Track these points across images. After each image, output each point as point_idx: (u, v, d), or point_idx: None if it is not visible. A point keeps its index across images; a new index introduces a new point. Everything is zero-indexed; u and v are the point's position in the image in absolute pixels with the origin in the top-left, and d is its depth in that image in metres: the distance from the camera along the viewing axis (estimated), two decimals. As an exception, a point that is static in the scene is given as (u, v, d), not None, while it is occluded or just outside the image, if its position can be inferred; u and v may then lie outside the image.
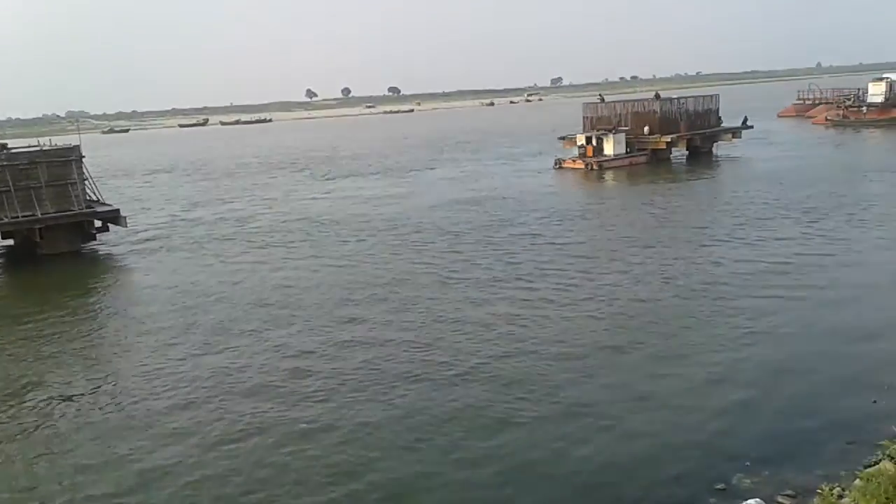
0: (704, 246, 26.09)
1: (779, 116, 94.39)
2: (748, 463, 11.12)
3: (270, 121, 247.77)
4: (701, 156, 55.05)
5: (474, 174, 54.45)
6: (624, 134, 52.43)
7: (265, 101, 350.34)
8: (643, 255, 25.12)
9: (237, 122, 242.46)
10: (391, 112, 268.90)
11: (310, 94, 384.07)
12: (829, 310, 18.37)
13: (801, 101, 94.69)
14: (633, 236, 28.39)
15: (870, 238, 25.75)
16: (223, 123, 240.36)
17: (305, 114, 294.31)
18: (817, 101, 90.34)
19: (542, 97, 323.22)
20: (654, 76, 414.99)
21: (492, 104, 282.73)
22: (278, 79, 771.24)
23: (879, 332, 16.57)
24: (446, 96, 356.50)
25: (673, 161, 54.04)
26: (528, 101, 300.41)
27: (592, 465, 11.47)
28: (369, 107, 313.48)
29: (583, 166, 51.34)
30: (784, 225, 28.61)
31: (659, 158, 53.09)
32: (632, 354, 16.06)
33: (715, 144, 57.24)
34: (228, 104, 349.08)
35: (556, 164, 53.68)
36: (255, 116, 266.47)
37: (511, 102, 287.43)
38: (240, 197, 49.38)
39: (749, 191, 37.79)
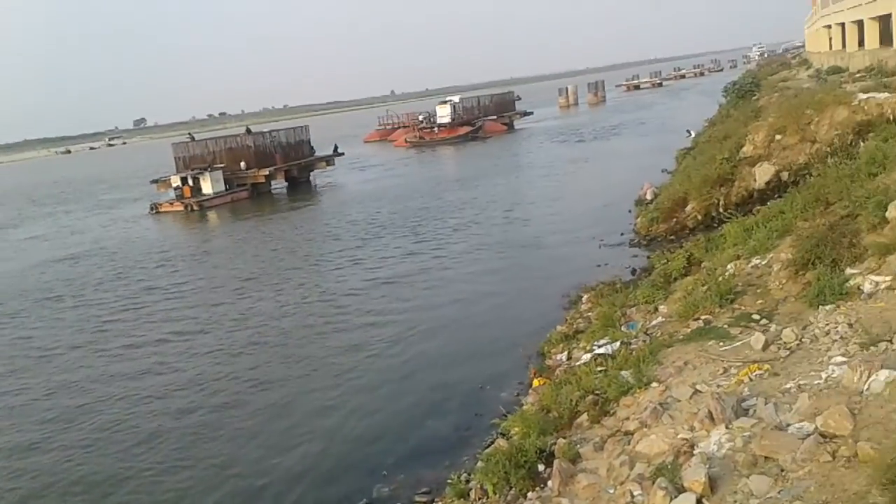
0: (319, 271, 26.94)
1: (365, 142, 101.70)
2: (385, 473, 11.73)
3: None
4: (300, 185, 56.87)
5: (66, 229, 49.25)
6: (221, 171, 51.82)
7: None
8: (260, 289, 25.05)
9: None
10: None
11: None
12: (436, 313, 20.21)
13: (383, 127, 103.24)
14: (248, 272, 28.15)
15: (462, 240, 29.01)
16: None
17: None
18: (396, 126, 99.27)
19: (126, 140, 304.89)
20: (242, 111, 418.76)
21: (68, 152, 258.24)
22: None
23: (482, 325, 18.70)
24: (8, 148, 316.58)
25: (274, 193, 54.95)
26: (110, 145, 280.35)
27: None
28: None
29: (182, 208, 49.54)
30: (387, 240, 30.89)
31: (260, 192, 53.55)
32: (264, 394, 15.85)
33: (312, 173, 59.57)
34: None
35: (152, 209, 50.87)
36: None
37: (91, 148, 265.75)
38: None
39: (351, 213, 40.04)
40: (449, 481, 10.41)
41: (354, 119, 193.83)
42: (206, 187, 50.62)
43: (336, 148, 61.87)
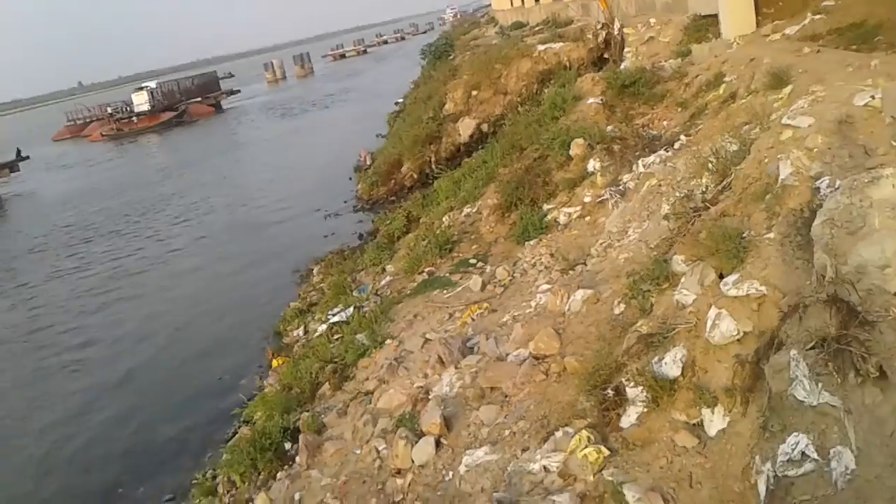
0: (25, 291, 23.96)
1: (54, 140, 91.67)
2: (121, 490, 10.88)
3: None
4: (-19, 200, 49.80)
5: None
6: None
7: None
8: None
9: None
10: None
11: None
12: (164, 310, 18.99)
13: (73, 122, 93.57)
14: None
15: (184, 231, 27.49)
16: None
17: None
18: (89, 119, 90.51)
19: None
20: None
21: None
22: None
23: (216, 316, 17.90)
24: None
25: (-52, 213, 47.67)
26: None
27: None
28: None
29: None
30: (99, 243, 28.33)
31: (-70, 213, 46.17)
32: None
33: (-6, 184, 52.39)
34: None
35: None
36: None
37: None
38: None
39: (53, 220, 35.94)
40: (194, 481, 9.89)
41: (37, 118, 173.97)
42: None
43: (19, 152, 54.87)
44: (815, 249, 5.30)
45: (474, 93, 24.82)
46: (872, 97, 8.48)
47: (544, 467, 6.08)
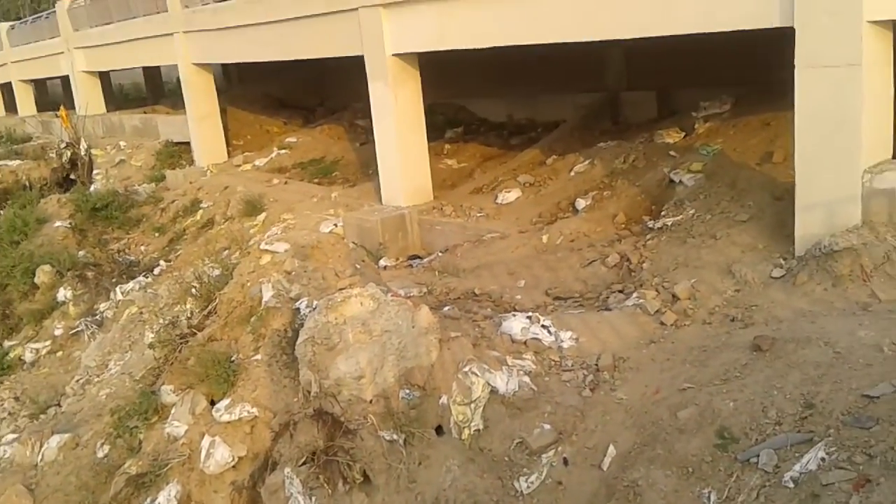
0: None
1: None
2: None
3: None
4: None
5: None
6: None
7: None
8: None
9: None
10: None
11: None
12: None
13: None
14: None
15: None
16: None
17: None
18: None
19: None
20: None
21: None
22: None
23: None
24: None
25: None
26: None
27: None
28: None
29: None
30: None
31: None
32: None
33: None
34: None
35: None
36: None
37: None
38: None
39: None
40: None
41: None
42: None
43: None
44: (300, 367, 5.59)
45: None
46: (336, 225, 9.63)
47: None
